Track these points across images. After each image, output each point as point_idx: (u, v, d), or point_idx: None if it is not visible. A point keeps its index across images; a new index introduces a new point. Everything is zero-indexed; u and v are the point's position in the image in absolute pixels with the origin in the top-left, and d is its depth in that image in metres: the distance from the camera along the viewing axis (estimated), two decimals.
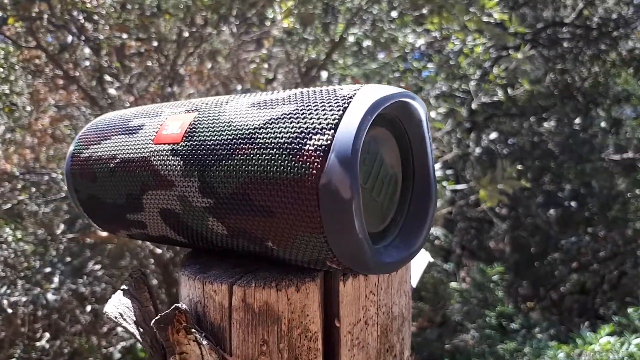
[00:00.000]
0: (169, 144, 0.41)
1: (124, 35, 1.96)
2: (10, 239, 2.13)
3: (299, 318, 0.37)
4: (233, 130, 0.37)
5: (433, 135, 2.54)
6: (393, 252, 0.37)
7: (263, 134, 0.35)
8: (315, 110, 0.34)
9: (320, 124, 0.33)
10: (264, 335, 0.37)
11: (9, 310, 1.78)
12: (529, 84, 2.80)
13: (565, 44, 4.19)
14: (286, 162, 0.33)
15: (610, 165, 4.09)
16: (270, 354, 0.37)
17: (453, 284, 2.59)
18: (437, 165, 2.32)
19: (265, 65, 1.94)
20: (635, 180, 3.92)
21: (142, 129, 0.44)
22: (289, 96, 0.37)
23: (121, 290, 0.44)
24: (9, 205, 2.10)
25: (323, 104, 0.34)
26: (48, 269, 2.01)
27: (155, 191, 0.41)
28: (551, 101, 4.23)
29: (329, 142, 0.32)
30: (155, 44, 2.00)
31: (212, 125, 0.39)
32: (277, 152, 0.34)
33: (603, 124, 4.09)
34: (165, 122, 0.43)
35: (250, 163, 0.35)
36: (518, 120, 4.37)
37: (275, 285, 0.37)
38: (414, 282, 0.50)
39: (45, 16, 1.83)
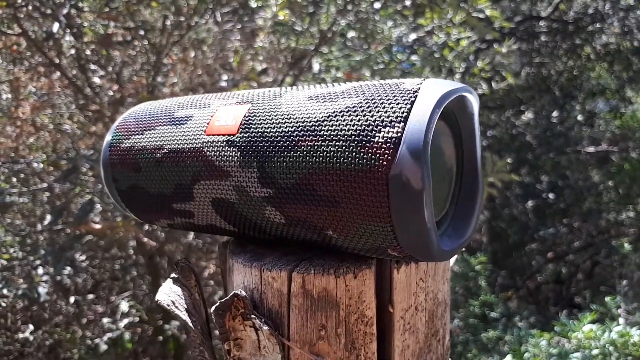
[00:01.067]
0: (223, 135, 0.41)
1: (112, 23, 1.94)
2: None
3: (355, 304, 0.38)
4: (294, 122, 0.38)
5: None
6: (447, 241, 0.39)
7: (327, 126, 0.36)
8: (381, 103, 0.36)
9: (388, 117, 0.35)
10: (322, 321, 0.38)
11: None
12: (511, 77, 2.84)
13: (542, 38, 4.25)
14: (354, 153, 0.35)
15: (585, 158, 4.19)
16: (328, 338, 0.38)
17: None
18: None
19: (259, 57, 1.94)
20: (609, 172, 4.01)
21: (191, 119, 0.45)
22: (349, 90, 0.38)
23: (171, 278, 0.45)
24: None
25: (388, 97, 0.36)
26: (33, 261, 1.99)
27: (209, 181, 0.42)
28: (529, 94, 4.30)
29: (399, 134, 0.34)
30: (141, 32, 1.98)
31: (270, 117, 0.40)
32: (344, 144, 0.35)
33: (579, 117, 4.18)
34: (217, 114, 0.43)
35: (315, 154, 0.36)
36: (497, 113, 4.43)
37: (333, 272, 0.38)
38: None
39: (31, 3, 1.80)
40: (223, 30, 2.15)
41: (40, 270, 1.98)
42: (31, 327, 2.28)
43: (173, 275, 0.45)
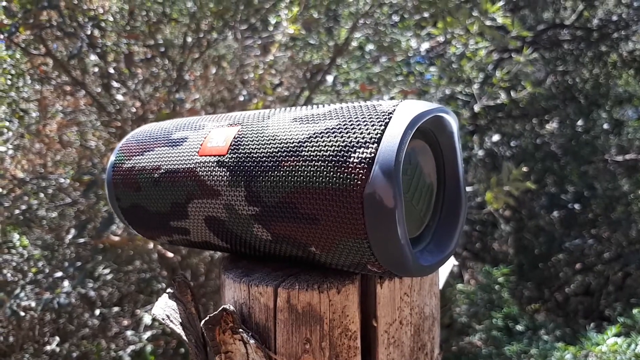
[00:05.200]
0: (214, 155, 0.43)
1: (132, 42, 1.99)
2: (18, 243, 2.15)
3: (339, 318, 0.39)
4: (278, 143, 0.40)
5: None
6: (428, 257, 0.40)
7: (308, 147, 0.38)
8: (357, 125, 0.37)
9: (363, 138, 0.36)
10: (307, 335, 0.39)
11: (23, 314, 1.80)
12: (531, 86, 2.83)
13: (565, 46, 4.21)
14: (332, 173, 0.36)
15: (613, 167, 4.12)
16: (313, 352, 0.39)
17: (460, 286, 2.61)
18: None
19: (272, 71, 1.97)
20: (638, 180, 3.94)
21: (186, 141, 0.47)
22: (330, 112, 0.40)
23: (167, 293, 0.47)
24: (17, 211, 2.12)
25: (365, 119, 0.37)
26: (60, 274, 2.04)
27: (201, 200, 0.44)
28: (553, 103, 4.25)
29: (372, 154, 0.35)
30: (162, 49, 2.03)
31: (257, 139, 0.41)
32: (322, 164, 0.37)
33: (605, 126, 4.12)
34: (210, 135, 0.45)
35: (296, 174, 0.38)
36: (520, 123, 4.40)
37: (317, 288, 0.39)
38: (440, 284, 0.52)
39: (55, 24, 1.86)
40: (243, 46, 2.19)
41: (65, 283, 2.03)
42: (57, 339, 2.33)
43: (169, 290, 0.47)
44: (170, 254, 1.86)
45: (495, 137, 4.21)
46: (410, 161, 0.40)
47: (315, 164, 0.37)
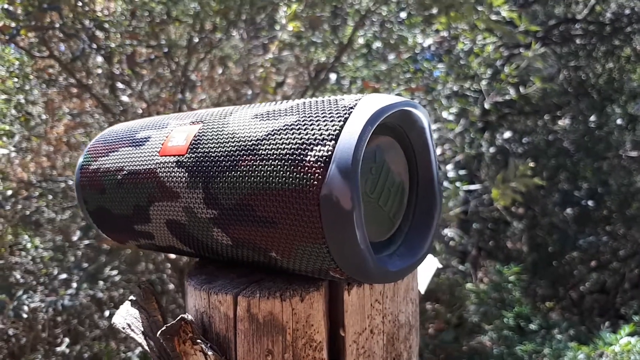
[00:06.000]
0: (174, 155, 0.41)
1: (134, 43, 1.98)
2: (29, 245, 2.15)
3: (303, 328, 0.37)
4: (236, 141, 0.37)
5: (445, 135, 2.53)
6: (397, 261, 0.37)
7: (265, 146, 0.35)
8: (316, 121, 0.34)
9: (321, 134, 0.33)
10: (268, 346, 0.37)
11: (25, 316, 1.80)
12: (542, 81, 2.78)
13: (578, 41, 4.15)
14: (288, 173, 0.33)
15: (627, 162, 4.05)
16: None
17: (469, 285, 2.57)
18: (450, 166, 2.31)
19: (274, 70, 1.94)
20: None
21: (148, 140, 0.45)
22: (292, 107, 0.37)
23: (129, 301, 0.44)
24: (27, 213, 2.12)
25: (324, 114, 0.35)
26: (66, 275, 2.03)
27: (162, 202, 0.42)
28: (565, 99, 4.19)
29: (329, 152, 0.32)
30: (165, 50, 2.01)
31: (216, 137, 0.39)
32: (279, 163, 0.34)
33: (619, 121, 4.05)
34: (171, 134, 0.43)
35: (253, 174, 0.35)
36: (532, 119, 4.34)
37: (279, 296, 0.37)
38: (422, 288, 0.50)
39: (57, 25, 1.85)
40: (247, 46, 2.17)
41: (74, 285, 2.03)
42: (67, 340, 2.33)
43: (131, 297, 0.45)
44: (172, 255, 1.85)
45: (507, 134, 4.16)
46: (376, 159, 0.37)
47: (272, 163, 0.34)
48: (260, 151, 0.35)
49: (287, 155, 0.34)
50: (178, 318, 0.38)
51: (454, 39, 2.49)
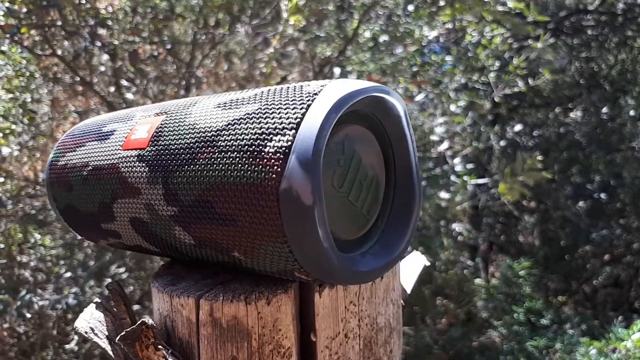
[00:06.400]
0: (136, 149, 0.38)
1: (137, 39, 1.96)
2: (39, 243, 2.15)
3: (270, 333, 0.34)
4: (196, 133, 0.35)
5: (453, 129, 2.49)
6: (370, 260, 0.35)
7: (224, 137, 0.33)
8: (277, 109, 0.32)
9: (281, 123, 0.31)
10: (233, 352, 0.34)
11: (29, 315, 1.79)
12: (553, 73, 2.73)
13: (589, 32, 4.08)
14: (246, 166, 0.31)
15: None
16: None
17: (478, 281, 2.53)
18: (457, 160, 2.27)
19: (276, 65, 1.92)
20: None
21: (113, 134, 0.42)
22: (255, 95, 0.35)
23: (94, 303, 0.42)
24: (33, 212, 2.11)
25: (287, 102, 0.32)
26: (70, 274, 2.03)
27: (124, 199, 0.39)
28: (577, 91, 4.13)
29: (289, 143, 0.30)
30: (168, 46, 2.00)
31: (177, 129, 0.36)
32: (237, 155, 0.31)
33: (632, 112, 3.98)
34: (135, 127, 0.40)
35: (211, 168, 0.33)
36: (543, 111, 4.28)
37: (244, 299, 0.34)
38: (408, 287, 0.47)
39: (59, 24, 1.84)
40: (253, 42, 2.15)
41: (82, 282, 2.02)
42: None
43: (96, 300, 0.42)
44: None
45: (517, 127, 4.11)
46: (345, 150, 0.34)
47: (231, 155, 0.32)
48: (219, 143, 0.33)
49: (246, 147, 0.31)
50: (139, 322, 0.36)
51: (462, 31, 2.45)
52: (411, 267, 0.49)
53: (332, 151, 0.33)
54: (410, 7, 2.44)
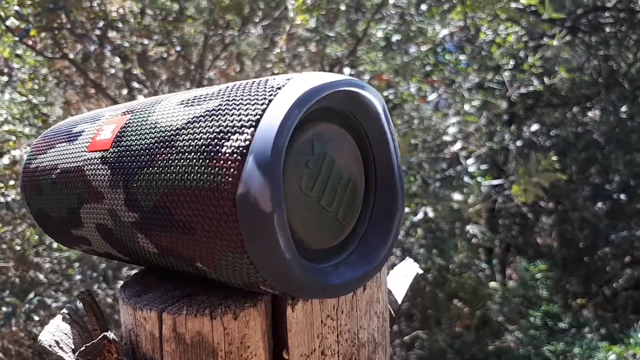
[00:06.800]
0: (100, 150, 0.36)
1: (146, 41, 1.96)
2: (54, 245, 2.15)
3: (237, 350, 0.31)
4: (157, 132, 0.32)
5: (466, 129, 2.45)
6: (346, 271, 0.32)
7: (183, 136, 0.30)
8: (238, 104, 0.29)
9: (240, 120, 0.28)
10: None
11: (37, 318, 1.79)
12: (570, 72, 2.67)
13: (607, 29, 4.01)
14: (202, 168, 0.28)
15: None
16: None
17: (493, 284, 2.48)
18: (470, 161, 2.23)
19: (283, 65, 1.89)
20: None
21: (81, 135, 0.40)
22: (220, 90, 0.32)
23: (61, 314, 0.40)
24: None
25: (249, 97, 0.29)
26: (85, 275, 2.02)
27: (89, 204, 0.37)
28: (595, 89, 4.05)
29: (247, 142, 0.27)
30: (178, 48, 1.99)
31: (139, 128, 0.34)
32: (194, 156, 0.29)
33: None
34: (102, 127, 0.38)
35: (169, 170, 0.30)
36: (560, 111, 4.21)
37: (209, 313, 0.31)
38: (399, 297, 0.44)
39: (68, 26, 1.84)
40: (264, 43, 2.13)
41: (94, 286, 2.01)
42: None
43: (64, 311, 0.40)
44: None
45: (534, 127, 4.05)
46: (314, 151, 0.31)
47: (188, 156, 0.29)
48: (178, 142, 0.30)
49: (203, 147, 0.28)
50: (100, 336, 0.33)
51: (475, 29, 2.41)
52: (403, 276, 0.46)
53: (299, 152, 0.30)
54: (424, 7, 2.41)
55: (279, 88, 0.28)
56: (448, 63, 2.51)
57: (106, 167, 0.35)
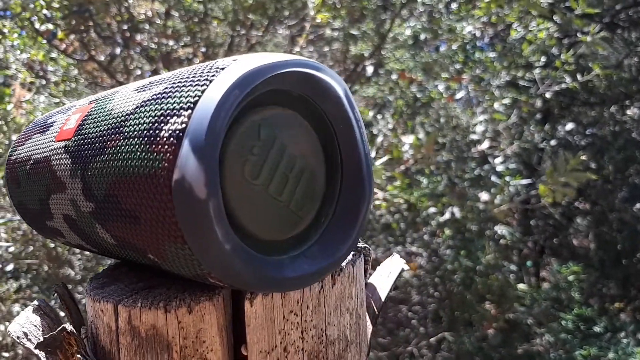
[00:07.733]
0: (64, 140, 0.35)
1: (172, 43, 1.97)
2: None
3: (193, 345, 0.30)
4: (110, 119, 0.31)
5: (496, 127, 2.40)
6: (303, 264, 0.30)
7: (130, 121, 0.29)
8: (181, 87, 0.28)
9: (179, 103, 0.27)
10: None
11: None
12: (607, 68, 2.58)
13: None
14: (143, 153, 0.27)
15: None
16: None
17: (521, 286, 2.42)
18: (499, 159, 2.18)
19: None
20: None
21: (52, 125, 0.40)
22: (172, 74, 0.31)
23: (31, 306, 0.39)
24: None
25: (192, 79, 0.28)
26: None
27: (56, 194, 0.36)
28: (634, 87, 3.93)
29: (184, 125, 0.26)
30: (204, 49, 2.00)
31: (97, 116, 0.33)
32: (137, 142, 0.28)
33: None
34: (70, 116, 0.37)
35: (117, 157, 0.29)
36: (597, 109, 4.10)
37: (163, 306, 0.30)
38: (383, 294, 0.42)
39: (94, 29, 1.87)
40: (291, 45, 2.13)
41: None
42: None
43: (35, 302, 0.39)
44: None
45: (569, 126, 3.94)
46: (260, 136, 0.29)
47: (132, 142, 0.28)
48: (125, 128, 0.29)
49: (144, 131, 0.27)
50: (59, 328, 0.33)
51: (504, 25, 2.36)
52: (387, 271, 0.44)
53: (243, 136, 0.28)
54: (454, 5, 2.38)
55: (222, 69, 0.27)
56: (478, 61, 2.46)
57: (67, 156, 0.34)
